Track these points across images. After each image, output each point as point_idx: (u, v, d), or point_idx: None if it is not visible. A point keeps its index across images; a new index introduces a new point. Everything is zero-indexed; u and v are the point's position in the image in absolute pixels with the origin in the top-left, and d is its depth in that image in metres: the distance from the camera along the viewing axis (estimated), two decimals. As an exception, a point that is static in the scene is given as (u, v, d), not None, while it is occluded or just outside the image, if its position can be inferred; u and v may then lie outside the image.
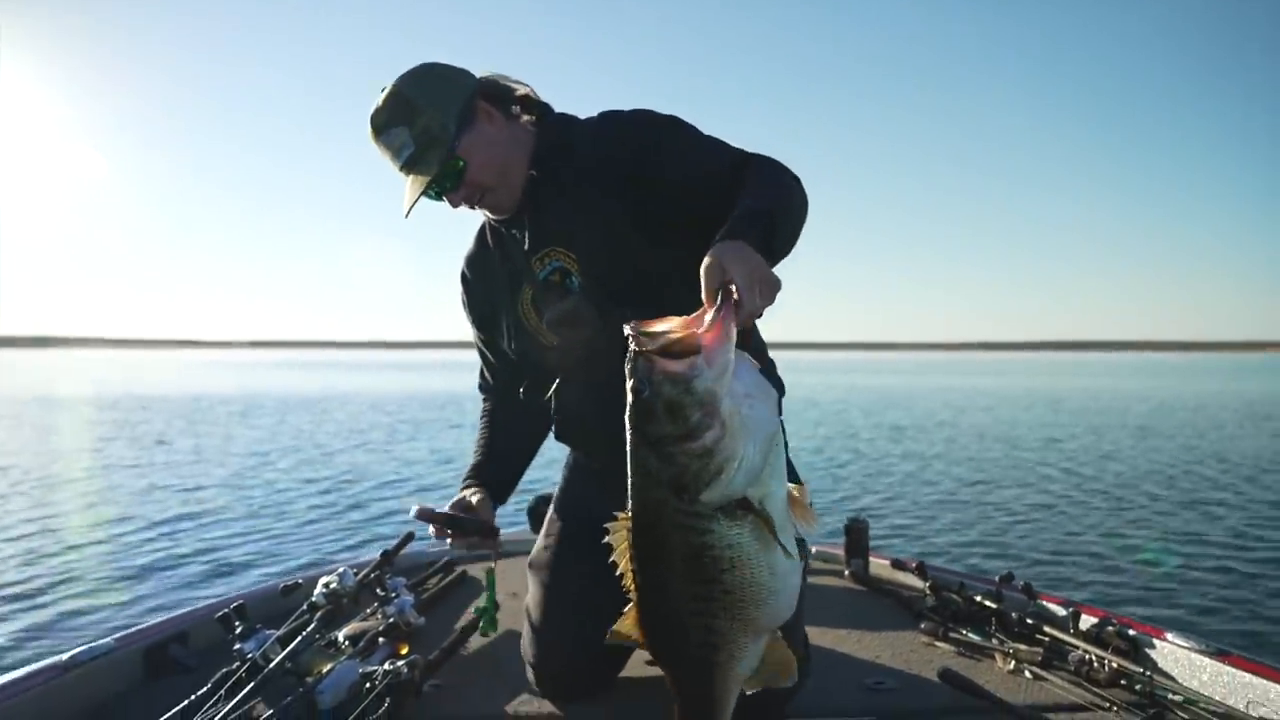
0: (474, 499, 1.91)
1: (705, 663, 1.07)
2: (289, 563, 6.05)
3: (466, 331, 2.08)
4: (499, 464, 2.05)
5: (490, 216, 1.84)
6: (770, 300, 1.15)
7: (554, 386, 1.91)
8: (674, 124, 1.68)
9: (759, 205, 1.40)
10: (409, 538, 2.75)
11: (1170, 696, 1.77)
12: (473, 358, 2.15)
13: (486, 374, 2.10)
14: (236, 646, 1.96)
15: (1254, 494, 8.99)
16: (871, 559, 2.92)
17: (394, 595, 2.30)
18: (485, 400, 2.14)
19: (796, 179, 1.54)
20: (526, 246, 1.78)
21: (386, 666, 1.81)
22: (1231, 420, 18.34)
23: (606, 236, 1.68)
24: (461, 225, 2.03)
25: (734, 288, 1.09)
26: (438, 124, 1.64)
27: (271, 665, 1.84)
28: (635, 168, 1.65)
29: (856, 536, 2.90)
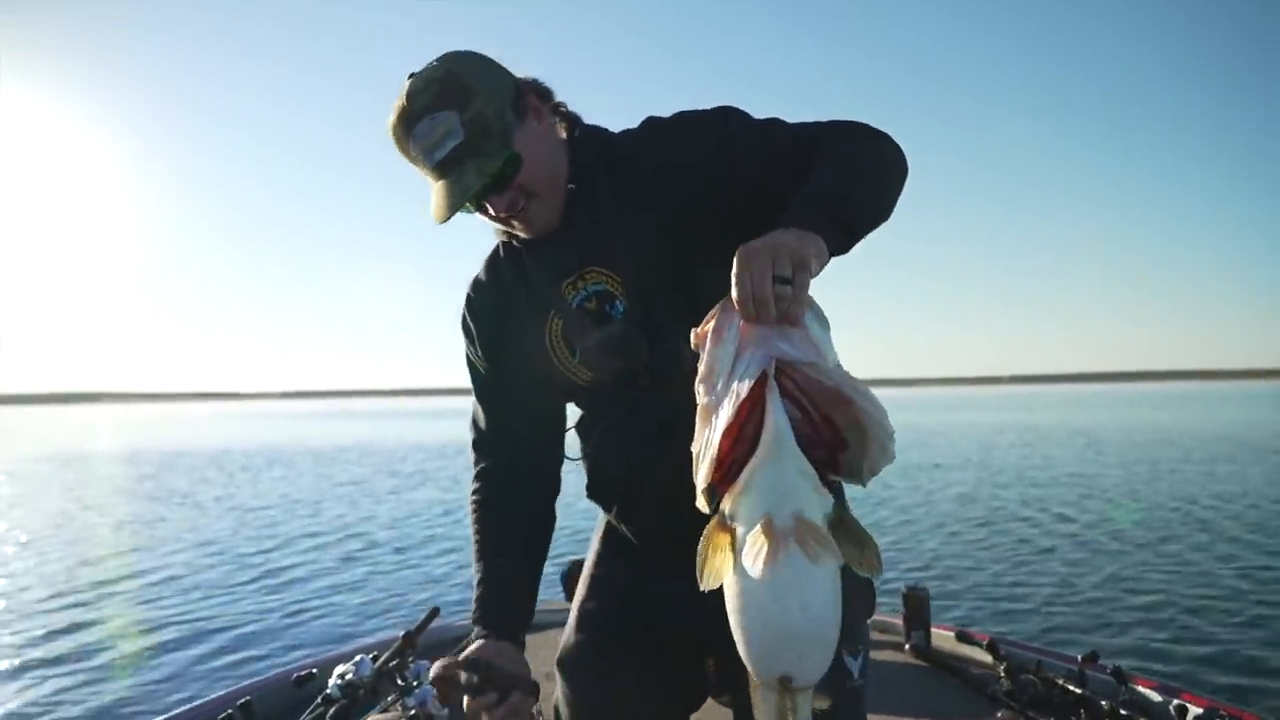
0: (492, 654, 1.45)
1: None
2: (307, 634, 5.83)
3: (462, 375, 1.70)
4: (512, 586, 1.59)
5: (515, 234, 1.56)
6: (785, 268, 1.00)
7: (583, 431, 1.64)
8: (729, 115, 1.46)
9: (818, 187, 1.24)
10: (434, 614, 2.56)
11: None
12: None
13: (482, 425, 1.67)
14: (244, 752, 1.78)
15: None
16: (933, 629, 2.68)
17: (415, 685, 2.11)
18: (478, 482, 1.69)
19: (877, 138, 1.36)
20: (557, 269, 1.53)
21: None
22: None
23: (658, 256, 1.46)
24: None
25: (735, 289, 0.99)
26: (494, 111, 1.38)
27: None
28: (700, 171, 1.42)
29: (916, 607, 2.66)
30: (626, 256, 1.50)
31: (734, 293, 1.00)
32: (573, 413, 1.75)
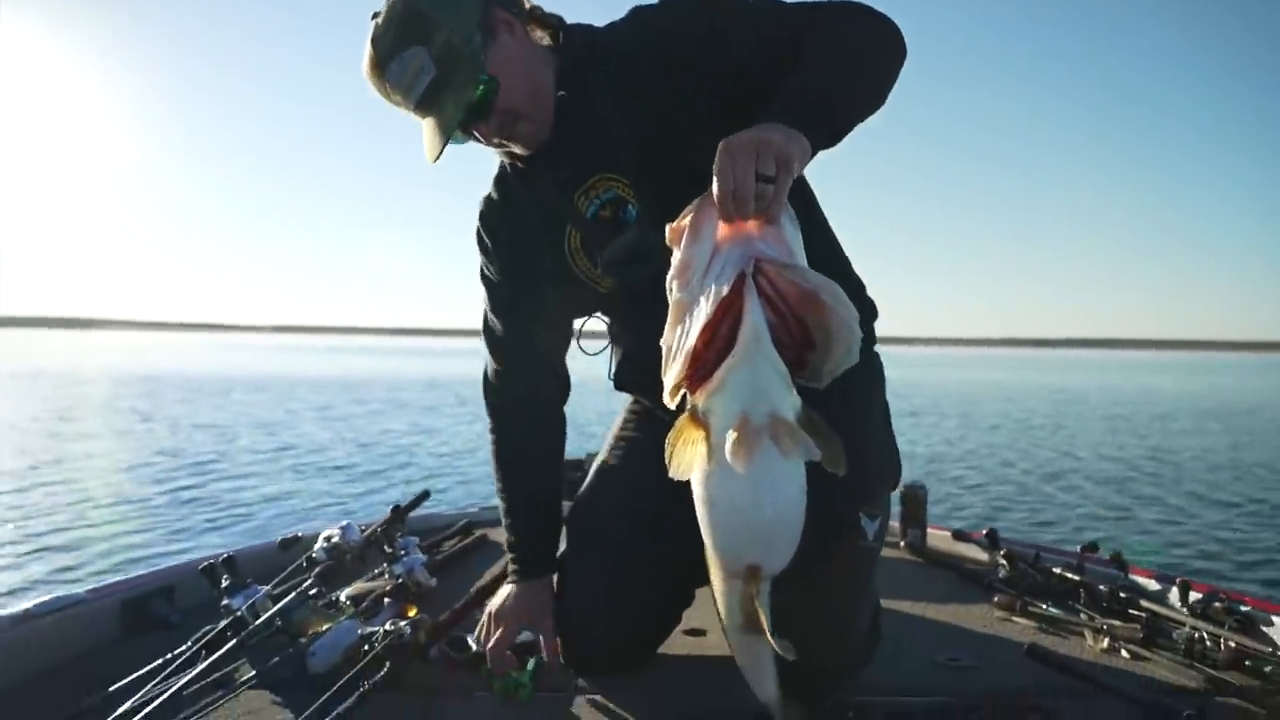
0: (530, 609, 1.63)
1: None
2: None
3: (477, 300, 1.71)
4: (541, 527, 1.71)
5: (515, 154, 1.54)
6: (769, 167, 0.99)
7: (615, 333, 1.66)
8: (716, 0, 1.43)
9: (806, 81, 1.21)
10: (424, 495, 2.53)
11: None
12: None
13: (499, 334, 1.67)
14: (224, 602, 1.74)
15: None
16: (930, 531, 2.65)
17: (403, 553, 2.08)
18: (497, 417, 1.73)
19: (871, 18, 1.31)
20: (565, 182, 1.51)
21: (388, 627, 1.58)
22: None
23: (663, 152, 1.42)
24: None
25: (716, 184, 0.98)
26: (459, 37, 1.34)
27: (259, 622, 1.62)
28: (693, 61, 1.39)
29: (913, 505, 2.63)
30: (632, 158, 1.46)
31: (715, 187, 0.99)
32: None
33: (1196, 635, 1.70)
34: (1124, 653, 1.73)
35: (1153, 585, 2.04)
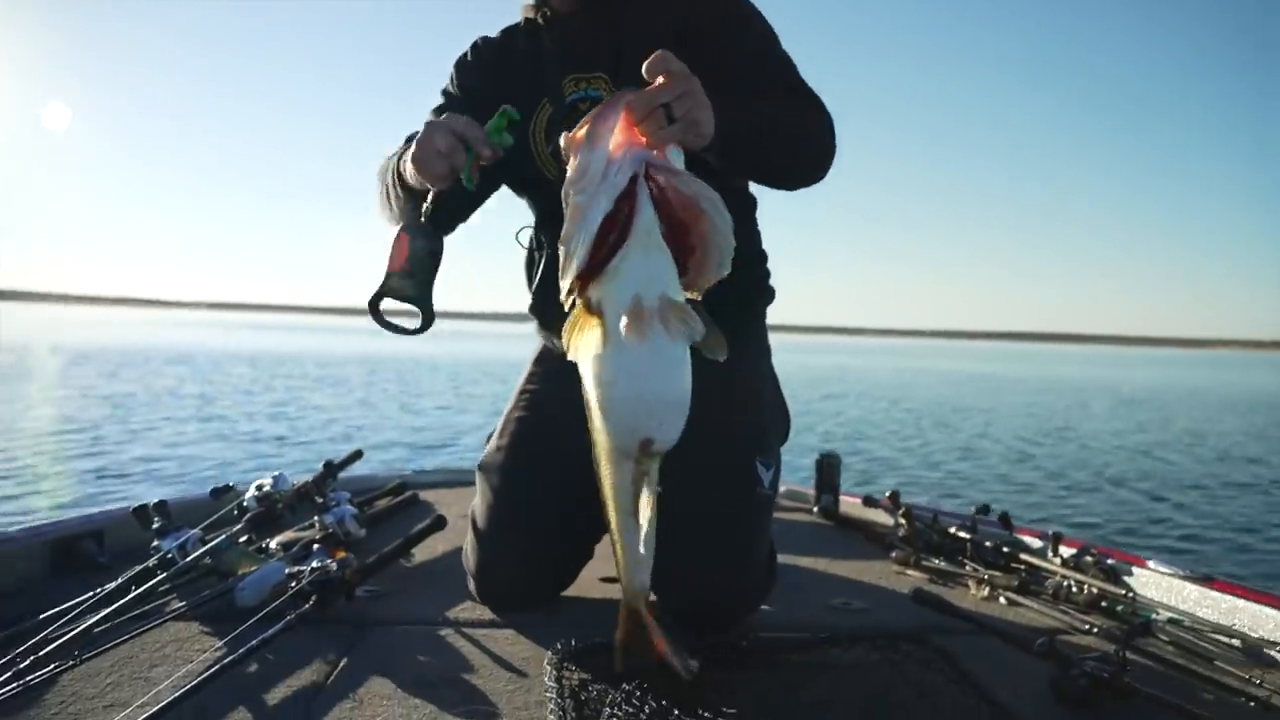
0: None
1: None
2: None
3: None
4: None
5: (549, 6, 1.66)
6: (681, 109, 1.09)
7: (542, 233, 1.76)
8: (762, 18, 1.62)
9: (760, 108, 1.41)
10: (357, 454, 2.59)
11: (1154, 617, 1.67)
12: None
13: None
14: (155, 544, 1.80)
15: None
16: (843, 498, 2.81)
17: (334, 504, 2.15)
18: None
19: (819, 130, 1.54)
20: (569, 60, 1.63)
21: (314, 564, 1.66)
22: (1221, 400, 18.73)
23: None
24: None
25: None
26: None
27: (188, 559, 1.68)
28: (711, 33, 1.54)
29: (828, 472, 2.78)
30: (628, 73, 1.55)
31: (639, 95, 1.08)
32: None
33: (1065, 583, 1.87)
34: (1002, 600, 1.89)
35: (1035, 543, 2.21)
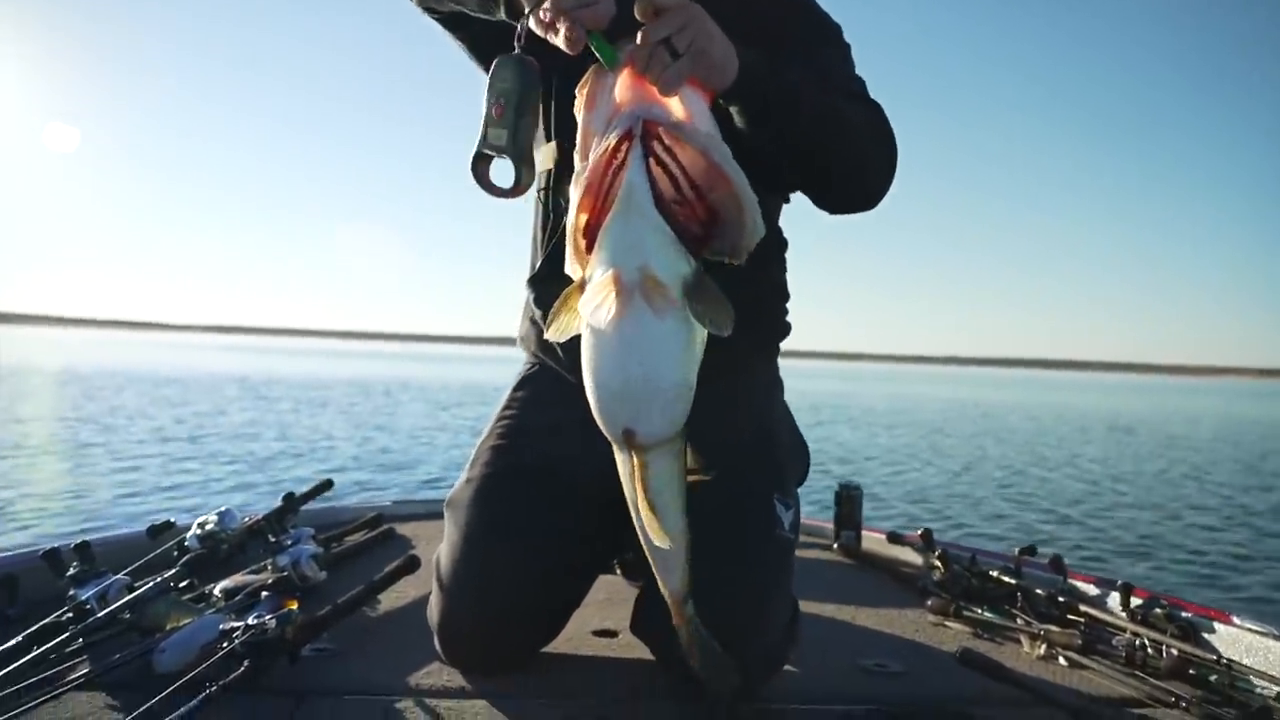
0: None
1: None
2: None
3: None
4: None
5: None
6: (683, 43, 0.92)
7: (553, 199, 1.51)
8: (840, 34, 1.46)
9: (808, 77, 1.24)
10: (326, 484, 2.33)
11: (1260, 690, 1.39)
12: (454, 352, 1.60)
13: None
14: (71, 592, 1.54)
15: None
16: (865, 533, 2.54)
17: (290, 544, 1.88)
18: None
19: (878, 134, 1.34)
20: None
21: (251, 621, 1.39)
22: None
23: None
24: (454, 220, 1.53)
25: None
26: None
27: (101, 615, 1.42)
28: (773, 41, 1.28)
29: (848, 506, 2.51)
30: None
31: (637, 43, 0.93)
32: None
33: (1138, 642, 1.60)
34: (1061, 660, 1.62)
35: (1092, 590, 1.94)
